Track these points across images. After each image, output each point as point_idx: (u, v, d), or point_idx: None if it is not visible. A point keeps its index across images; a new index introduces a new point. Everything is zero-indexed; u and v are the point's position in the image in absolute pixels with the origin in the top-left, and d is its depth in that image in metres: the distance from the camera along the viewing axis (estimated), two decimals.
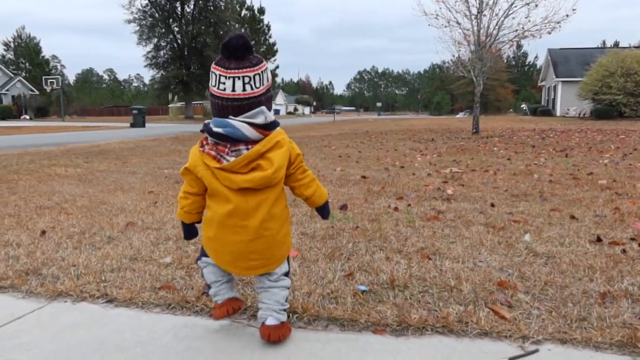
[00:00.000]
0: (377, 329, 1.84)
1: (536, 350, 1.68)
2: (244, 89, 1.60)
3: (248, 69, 1.60)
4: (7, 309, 2.09)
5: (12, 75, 49.40)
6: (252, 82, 1.61)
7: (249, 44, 1.61)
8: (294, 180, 1.77)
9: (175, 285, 2.27)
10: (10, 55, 63.73)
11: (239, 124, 1.61)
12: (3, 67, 49.53)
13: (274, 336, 1.72)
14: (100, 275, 2.42)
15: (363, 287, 2.19)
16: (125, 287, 2.26)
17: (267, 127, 1.65)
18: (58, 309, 2.09)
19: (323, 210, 1.88)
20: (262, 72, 1.64)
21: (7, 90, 45.91)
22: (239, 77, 1.60)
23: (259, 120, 1.62)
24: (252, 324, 1.91)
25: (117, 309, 2.08)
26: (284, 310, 1.78)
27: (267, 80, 1.68)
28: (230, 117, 1.62)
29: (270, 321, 1.74)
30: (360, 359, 1.65)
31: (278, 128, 1.68)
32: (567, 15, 13.40)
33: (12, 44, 63.97)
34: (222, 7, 41.22)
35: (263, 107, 1.64)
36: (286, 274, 1.80)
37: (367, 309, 1.98)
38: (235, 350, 1.72)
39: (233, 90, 1.60)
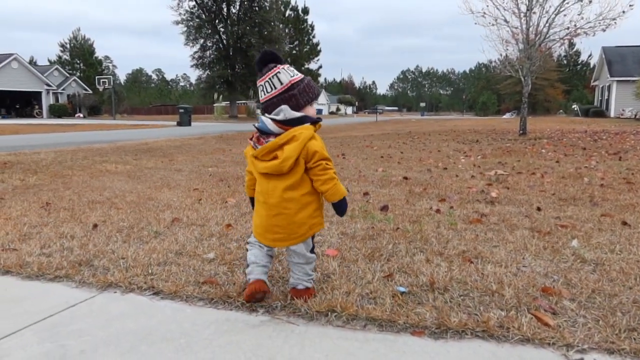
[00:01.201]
0: (415, 331, 1.84)
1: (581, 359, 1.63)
2: (262, 95, 2.08)
3: (261, 79, 2.07)
4: (62, 297, 2.21)
5: (68, 75, 51.75)
6: (264, 89, 2.06)
7: (263, 59, 2.06)
8: (313, 175, 2.01)
9: (217, 281, 2.33)
10: (66, 56, 66.84)
11: (266, 120, 2.00)
12: (60, 68, 51.96)
13: (300, 297, 2.08)
14: (148, 268, 2.52)
15: (402, 289, 2.18)
16: (171, 281, 2.34)
17: (289, 123, 1.98)
18: (108, 298, 2.20)
19: (337, 208, 2.08)
20: (270, 79, 2.04)
21: (63, 89, 48.13)
22: (259, 86, 2.08)
23: (280, 117, 1.98)
24: (291, 320, 1.95)
25: (163, 301, 2.17)
26: (311, 279, 2.13)
27: (279, 84, 2.03)
28: (265, 114, 2.04)
29: (300, 287, 2.11)
30: None
31: (307, 124, 1.99)
32: (623, 12, 12.77)
33: (68, 45, 67.07)
34: (267, 8, 41.74)
35: (284, 106, 1.99)
36: (311, 250, 2.12)
37: (406, 310, 1.98)
38: (275, 345, 1.75)
39: (260, 96, 2.09)
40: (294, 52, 51.18)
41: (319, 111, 76.89)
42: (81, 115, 45.66)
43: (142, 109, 70.34)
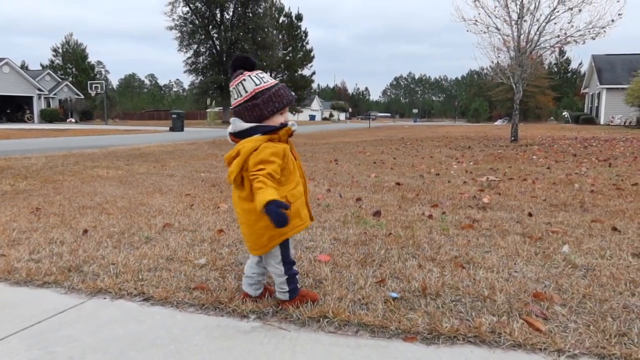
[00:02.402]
0: (407, 337, 1.83)
1: None
2: (232, 101, 2.02)
3: (230, 84, 2.02)
4: (51, 303, 2.18)
5: (60, 80, 51.44)
6: (232, 96, 2.00)
7: (233, 64, 2.02)
8: (249, 182, 1.91)
9: (209, 286, 2.31)
10: (58, 61, 66.43)
11: (227, 131, 2.02)
12: (51, 72, 51.67)
13: (282, 304, 2.08)
14: (138, 274, 2.50)
15: (394, 294, 2.18)
16: (161, 287, 2.32)
17: (239, 135, 1.96)
18: (98, 304, 2.18)
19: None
20: (236, 86, 1.97)
21: (54, 94, 47.85)
22: (230, 92, 2.04)
23: (230, 129, 2.00)
24: (283, 326, 1.94)
25: (153, 307, 2.15)
26: (284, 292, 2.07)
27: (244, 92, 1.95)
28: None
29: (276, 295, 2.12)
30: None
31: (256, 135, 1.92)
32: (612, 20, 12.92)
33: (60, 50, 66.71)
34: (261, 14, 41.85)
35: (233, 118, 2.00)
36: (282, 262, 2.04)
37: (398, 316, 1.97)
38: (266, 351, 1.74)
39: (231, 102, 2.04)
40: (288, 58, 51.23)
41: (312, 117, 76.97)
42: (73, 120, 45.38)
43: (134, 114, 70.07)
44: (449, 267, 2.57)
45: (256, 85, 1.95)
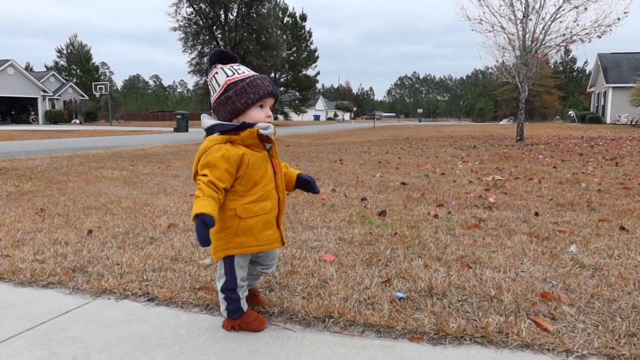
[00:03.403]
0: (413, 337, 1.81)
1: None
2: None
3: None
4: (55, 304, 2.18)
5: (64, 81, 51.67)
6: (210, 93, 1.85)
7: (210, 59, 1.85)
8: None
9: (213, 286, 2.30)
10: (63, 62, 66.75)
11: None
12: (56, 74, 51.89)
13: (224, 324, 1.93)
14: (143, 274, 2.49)
15: (400, 294, 2.16)
16: (166, 287, 2.31)
17: (207, 133, 1.81)
18: (102, 305, 2.17)
19: None
20: (210, 82, 1.84)
21: (59, 95, 48.06)
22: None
23: (202, 126, 1.85)
24: (288, 326, 1.92)
25: (158, 307, 2.14)
26: (224, 310, 1.89)
27: (217, 86, 1.81)
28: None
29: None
30: None
31: (214, 135, 1.77)
32: (618, 19, 12.84)
33: (64, 51, 67.03)
34: (265, 14, 41.85)
35: (203, 114, 1.87)
36: (224, 277, 1.85)
37: (404, 316, 1.95)
38: (271, 352, 1.73)
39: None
40: (292, 58, 51.23)
41: (317, 117, 76.95)
42: (77, 122, 45.59)
43: (139, 115, 70.27)
44: (455, 266, 2.55)
45: (228, 77, 1.79)
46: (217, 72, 1.81)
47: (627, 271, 2.45)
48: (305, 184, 2.03)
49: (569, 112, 49.44)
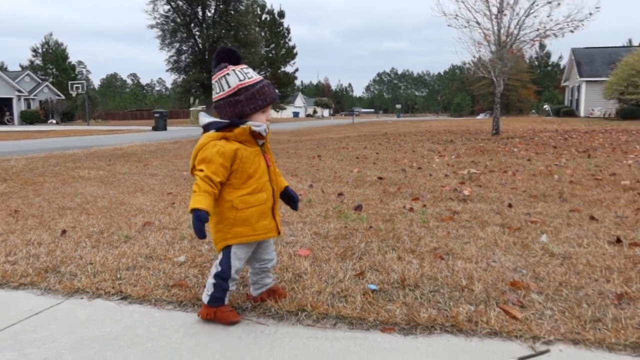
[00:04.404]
0: (385, 328, 1.84)
1: (547, 351, 1.66)
2: (214, 94, 1.94)
3: (213, 77, 1.92)
4: (26, 305, 2.15)
5: (40, 81, 50.54)
6: (215, 89, 1.92)
7: (218, 56, 1.92)
8: None
9: (187, 283, 2.30)
10: (38, 61, 65.31)
11: None
12: (31, 73, 50.72)
13: (200, 312, 1.98)
14: (116, 273, 2.47)
15: (373, 286, 2.19)
16: (140, 285, 2.30)
17: (204, 130, 1.90)
18: (74, 305, 2.15)
19: None
20: (219, 79, 1.89)
21: (35, 95, 47.01)
22: (213, 84, 1.93)
23: (199, 123, 1.95)
24: (261, 321, 1.93)
25: (131, 305, 2.13)
26: (208, 295, 1.94)
27: (227, 87, 1.87)
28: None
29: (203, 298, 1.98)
30: (367, 357, 1.65)
31: (210, 132, 1.87)
32: (590, 14, 13.11)
33: (40, 50, 65.60)
34: (243, 11, 41.52)
35: (200, 113, 1.96)
36: (220, 265, 1.92)
37: (377, 307, 1.98)
38: (244, 346, 1.74)
39: (213, 95, 1.95)
40: (271, 55, 50.99)
41: (296, 114, 76.82)
42: (54, 122, 44.67)
43: (117, 114, 69.21)
44: (428, 258, 2.59)
45: (240, 80, 1.87)
46: (228, 74, 1.88)
47: (594, 259, 2.52)
48: (289, 197, 2.13)
49: (544, 106, 50.31)
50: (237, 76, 1.87)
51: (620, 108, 27.33)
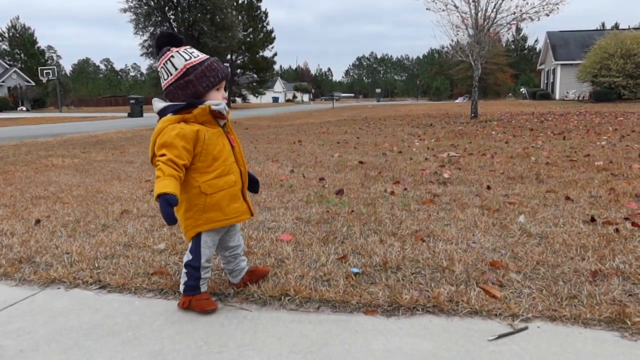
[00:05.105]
0: (368, 310, 1.85)
1: (525, 328, 1.69)
2: (162, 82, 1.85)
3: (158, 65, 1.85)
4: (0, 296, 2.09)
5: (8, 67, 49.00)
6: (162, 76, 1.84)
7: (158, 42, 1.84)
8: None
9: (168, 271, 2.27)
10: (5, 46, 63.18)
11: None
12: None
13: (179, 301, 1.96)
14: (94, 262, 2.43)
15: (356, 270, 2.19)
16: (119, 273, 2.26)
17: (160, 116, 1.82)
18: (51, 295, 2.10)
19: None
20: (164, 64, 1.81)
21: (3, 81, 45.59)
22: (159, 73, 1.86)
23: (154, 110, 1.86)
24: (244, 306, 1.92)
25: (110, 294, 2.09)
26: (182, 283, 1.93)
27: (173, 70, 1.79)
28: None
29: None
30: (350, 339, 1.66)
31: (167, 116, 1.79)
32: None
33: (6, 35, 63.42)
34: None
35: (155, 99, 1.86)
36: (190, 254, 1.89)
37: (359, 290, 1.99)
38: (227, 332, 1.73)
39: (161, 83, 1.86)
40: (248, 39, 50.27)
41: (275, 99, 76.24)
42: (24, 109, 43.44)
43: (90, 101, 67.63)
44: (409, 241, 2.60)
45: (186, 60, 1.79)
46: (172, 56, 1.79)
47: (570, 238, 2.57)
48: (252, 181, 2.05)
49: (521, 90, 50.94)
50: (182, 56, 1.80)
51: (594, 91, 27.83)
